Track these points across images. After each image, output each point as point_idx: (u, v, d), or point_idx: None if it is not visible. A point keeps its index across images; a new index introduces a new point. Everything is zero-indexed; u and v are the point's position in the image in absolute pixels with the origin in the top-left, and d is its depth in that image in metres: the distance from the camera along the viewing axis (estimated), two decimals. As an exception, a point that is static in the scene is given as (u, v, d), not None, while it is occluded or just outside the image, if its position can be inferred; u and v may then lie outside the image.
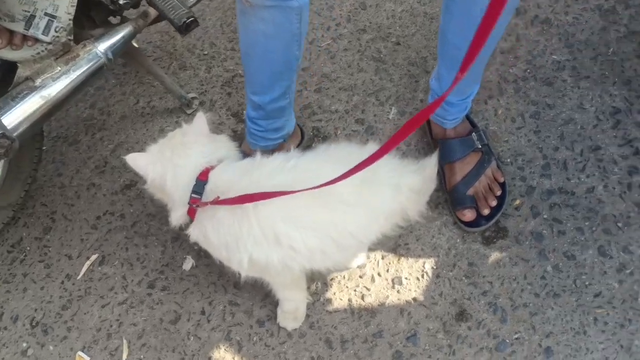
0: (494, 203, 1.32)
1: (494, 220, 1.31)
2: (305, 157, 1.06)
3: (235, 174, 1.08)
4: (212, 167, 1.11)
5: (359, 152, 1.11)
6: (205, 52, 1.74)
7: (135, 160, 1.14)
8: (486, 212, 1.31)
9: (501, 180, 1.35)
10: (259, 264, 1.06)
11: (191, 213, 1.11)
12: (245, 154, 1.31)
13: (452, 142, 1.36)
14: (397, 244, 1.34)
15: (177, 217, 1.14)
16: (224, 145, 1.20)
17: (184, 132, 1.20)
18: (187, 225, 1.15)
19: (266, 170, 1.06)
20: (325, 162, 1.05)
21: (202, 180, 1.07)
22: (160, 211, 1.48)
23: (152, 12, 1.34)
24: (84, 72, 1.24)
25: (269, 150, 1.39)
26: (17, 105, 1.17)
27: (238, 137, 1.56)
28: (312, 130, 1.53)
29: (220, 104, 1.63)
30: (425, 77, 1.56)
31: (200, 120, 1.18)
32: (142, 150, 1.58)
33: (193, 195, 1.06)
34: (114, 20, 1.39)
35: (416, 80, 1.56)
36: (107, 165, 1.59)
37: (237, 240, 1.05)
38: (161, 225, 1.47)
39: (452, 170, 1.35)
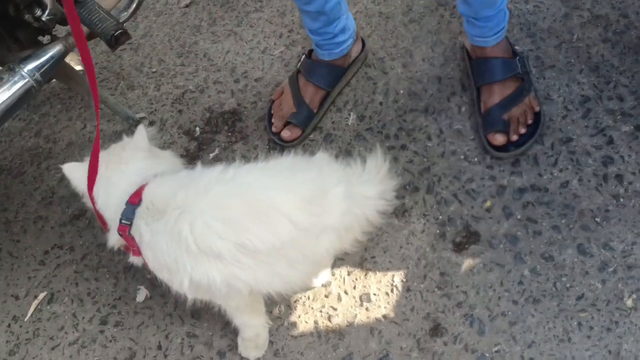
0: (523, 130, 1.28)
1: (523, 149, 1.28)
2: (244, 168, 0.97)
3: (170, 189, 0.98)
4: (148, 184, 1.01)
5: (303, 163, 1.02)
6: (154, 70, 1.64)
7: (71, 170, 1.06)
8: (515, 138, 1.28)
9: (537, 109, 1.31)
10: (201, 285, 0.96)
11: (125, 238, 1.00)
12: (315, 62, 1.41)
13: (494, 61, 1.31)
14: (363, 257, 1.24)
15: (112, 240, 1.04)
16: (166, 160, 1.11)
17: (123, 145, 1.10)
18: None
19: (203, 183, 0.96)
20: (264, 174, 0.95)
21: (132, 203, 0.97)
22: (111, 241, 1.38)
23: (85, 29, 1.25)
24: (10, 97, 1.14)
25: (341, 58, 1.41)
26: None
27: (191, 156, 1.46)
28: (269, 143, 1.44)
29: (171, 123, 1.53)
30: (383, 78, 1.47)
31: (140, 133, 1.09)
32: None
33: (123, 221, 0.96)
34: (45, 40, 1.29)
35: (374, 82, 1.47)
36: (54, 195, 1.48)
37: (176, 260, 0.95)
38: (112, 256, 1.36)
39: (491, 91, 1.31)
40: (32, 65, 1.17)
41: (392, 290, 1.20)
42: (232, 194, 0.93)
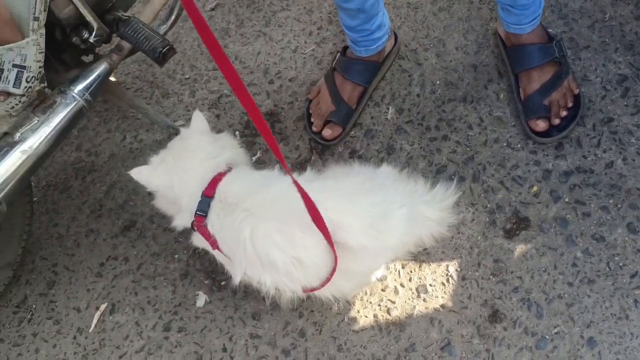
0: (564, 114, 1.31)
1: (566, 132, 1.31)
2: (314, 184, 1.02)
3: (243, 188, 1.05)
4: (221, 175, 1.06)
5: (370, 183, 1.06)
6: (187, 76, 1.67)
7: (139, 173, 1.12)
8: (557, 122, 1.31)
9: (576, 91, 1.34)
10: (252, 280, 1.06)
11: (201, 230, 1.06)
12: (351, 59, 1.44)
13: (531, 47, 1.34)
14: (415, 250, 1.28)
15: (182, 222, 1.10)
16: (228, 143, 1.18)
17: (183, 136, 1.16)
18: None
19: (272, 193, 1.03)
20: (332, 194, 1.00)
21: (207, 196, 1.03)
22: (164, 249, 1.43)
23: (126, 45, 1.28)
24: (63, 118, 1.18)
25: (377, 54, 1.43)
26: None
27: (234, 160, 1.50)
28: (310, 143, 1.47)
29: (210, 128, 1.56)
30: (418, 69, 1.50)
31: (198, 118, 1.15)
32: (136, 187, 1.53)
33: (198, 213, 1.01)
34: (87, 58, 1.33)
35: (409, 74, 1.50)
36: (102, 208, 1.52)
37: (235, 254, 1.03)
38: (167, 263, 1.41)
39: (530, 78, 1.34)
40: (81, 85, 1.20)
41: (447, 280, 1.24)
42: (298, 209, 0.96)
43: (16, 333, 1.39)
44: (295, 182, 0.87)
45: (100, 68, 1.24)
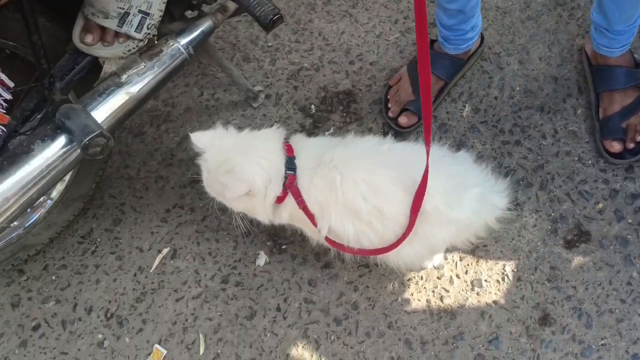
0: (639, 138, 1.35)
1: (639, 157, 1.35)
2: (398, 146, 1.13)
3: (320, 146, 1.13)
4: (288, 144, 1.13)
5: (451, 156, 1.13)
6: (270, 44, 1.73)
7: (199, 138, 1.12)
8: (631, 145, 1.35)
9: None
10: (336, 233, 1.11)
11: (282, 197, 1.11)
12: (438, 53, 1.50)
13: (618, 70, 1.38)
14: (475, 245, 1.34)
15: (268, 202, 1.10)
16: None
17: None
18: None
19: (360, 148, 1.12)
20: (417, 157, 1.06)
21: (290, 156, 1.09)
22: (227, 209, 1.49)
23: (231, 6, 1.34)
24: (166, 68, 1.24)
25: (462, 53, 1.49)
26: (104, 102, 1.18)
27: (306, 132, 1.56)
28: (383, 127, 1.53)
29: (286, 98, 1.63)
30: (499, 73, 1.54)
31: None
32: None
33: (289, 172, 1.07)
34: (190, 14, 1.38)
35: (490, 76, 1.54)
36: (173, 158, 1.59)
37: (323, 208, 1.09)
38: (232, 220, 1.47)
39: (612, 99, 1.38)
40: (186, 39, 1.27)
41: (503, 279, 1.30)
42: (385, 165, 1.07)
43: (79, 262, 1.48)
44: (428, 154, 0.97)
45: (205, 25, 1.30)
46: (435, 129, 1.50)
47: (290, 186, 1.08)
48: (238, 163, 1.06)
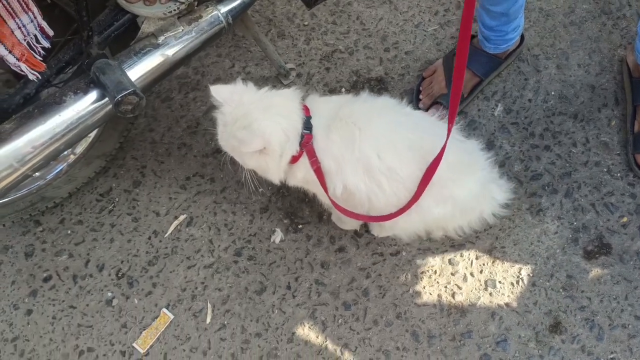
0: None
1: None
2: (417, 113, 1.21)
3: (335, 103, 1.14)
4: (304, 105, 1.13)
5: (463, 139, 1.18)
6: (306, 23, 1.72)
7: (218, 91, 1.10)
8: None
9: None
10: (349, 192, 1.11)
11: (298, 156, 1.10)
12: (477, 49, 1.48)
13: None
14: (492, 245, 1.34)
15: (284, 161, 1.10)
16: None
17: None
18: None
19: (379, 105, 1.14)
20: (434, 125, 1.12)
21: (307, 115, 1.09)
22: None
23: (274, -21, 1.33)
24: (204, 34, 1.25)
25: (500, 53, 1.48)
26: (140, 61, 1.18)
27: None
28: (412, 117, 1.52)
29: (317, 78, 1.62)
30: (535, 76, 1.53)
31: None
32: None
33: (305, 131, 1.07)
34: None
35: (525, 78, 1.53)
36: (199, 126, 1.60)
37: (339, 163, 1.09)
38: (250, 194, 1.48)
39: None
40: (227, 8, 1.27)
41: (517, 282, 1.29)
42: (404, 127, 1.10)
43: (95, 220, 1.49)
44: (450, 130, 1.00)
45: (246, -5, 1.30)
46: (464, 125, 1.49)
47: (306, 145, 1.08)
48: (256, 119, 1.06)
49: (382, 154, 1.07)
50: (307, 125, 1.08)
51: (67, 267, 1.43)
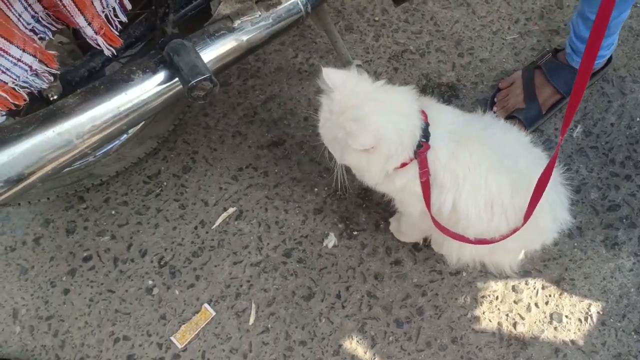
0: None
1: None
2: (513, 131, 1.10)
3: (457, 116, 1.08)
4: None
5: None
6: (376, 19, 1.66)
7: (331, 75, 1.01)
8: None
9: None
10: (455, 213, 1.05)
11: (407, 163, 1.03)
12: (563, 64, 1.41)
13: None
14: (561, 276, 1.27)
15: (391, 164, 1.01)
16: None
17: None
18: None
19: (511, 138, 1.07)
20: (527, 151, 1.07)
21: (426, 122, 1.02)
22: (306, 178, 1.45)
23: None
24: (281, 22, 1.19)
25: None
26: (213, 44, 1.13)
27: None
28: (483, 130, 1.45)
29: (384, 78, 1.55)
30: (620, 99, 1.45)
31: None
32: (295, 108, 1.55)
33: (423, 140, 0.99)
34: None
35: (609, 100, 1.45)
36: (255, 116, 1.55)
37: (457, 183, 1.02)
38: (305, 193, 1.43)
39: None
40: (307, -5, 1.21)
41: (585, 319, 1.22)
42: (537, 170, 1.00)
43: (141, 202, 1.45)
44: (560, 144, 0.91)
45: (327, -16, 1.24)
46: (539, 143, 1.41)
47: (421, 154, 1.01)
48: (371, 113, 0.97)
49: (509, 190, 1.01)
50: (426, 133, 1.01)
51: (108, 249, 1.40)
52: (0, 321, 1.33)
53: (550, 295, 1.25)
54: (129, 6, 1.02)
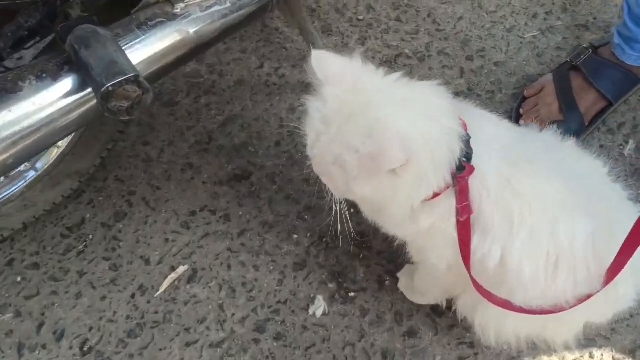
0: None
1: None
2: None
3: (505, 129, 0.78)
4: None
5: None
6: (360, 17, 1.35)
7: (322, 61, 0.68)
8: None
9: None
10: (504, 268, 0.74)
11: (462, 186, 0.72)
12: (609, 62, 1.13)
13: None
14: (635, 344, 0.95)
15: (422, 194, 0.70)
16: None
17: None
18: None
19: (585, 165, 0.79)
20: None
21: (467, 134, 0.70)
22: (281, 222, 1.11)
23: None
24: (243, 9, 0.87)
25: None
26: (145, 37, 0.80)
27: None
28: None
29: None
30: (675, 106, 1.17)
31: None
32: (262, 131, 1.22)
33: (464, 160, 0.68)
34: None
35: (663, 108, 1.17)
36: (211, 143, 1.21)
37: (511, 226, 0.72)
38: (281, 242, 1.09)
39: None
40: (277, -29, 0.89)
41: (678, 403, 0.91)
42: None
43: (58, 264, 1.08)
44: None
45: (303, -42, 0.93)
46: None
47: (461, 180, 0.69)
48: (391, 116, 0.65)
49: (584, 241, 0.72)
50: (469, 150, 0.69)
51: (10, 332, 1.02)
52: None
53: (623, 373, 0.94)
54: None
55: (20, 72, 0.75)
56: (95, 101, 0.75)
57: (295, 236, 1.10)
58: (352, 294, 1.03)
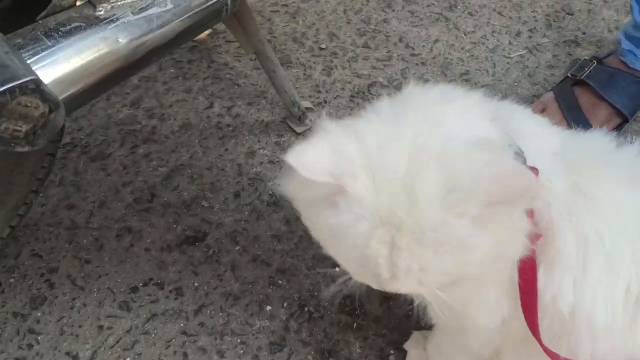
0: None
1: None
2: None
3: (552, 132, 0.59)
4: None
5: None
6: (323, 46, 1.19)
7: (301, 158, 0.46)
8: None
9: None
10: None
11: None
12: (619, 70, 1.00)
13: None
14: None
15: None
16: None
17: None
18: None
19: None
20: None
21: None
22: (248, 292, 0.89)
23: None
24: (188, 12, 0.68)
25: None
26: (57, 47, 0.59)
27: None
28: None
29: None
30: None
31: None
32: (217, 181, 1.01)
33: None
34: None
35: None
36: (154, 200, 0.99)
37: (586, 244, 0.54)
38: (250, 317, 0.86)
39: None
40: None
41: None
42: None
43: (-48, 372, 0.81)
44: None
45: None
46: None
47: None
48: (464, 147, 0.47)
49: None
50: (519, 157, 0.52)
51: None
52: None
53: None
54: None
55: None
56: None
57: (269, 307, 0.87)
58: (350, 380, 0.81)
